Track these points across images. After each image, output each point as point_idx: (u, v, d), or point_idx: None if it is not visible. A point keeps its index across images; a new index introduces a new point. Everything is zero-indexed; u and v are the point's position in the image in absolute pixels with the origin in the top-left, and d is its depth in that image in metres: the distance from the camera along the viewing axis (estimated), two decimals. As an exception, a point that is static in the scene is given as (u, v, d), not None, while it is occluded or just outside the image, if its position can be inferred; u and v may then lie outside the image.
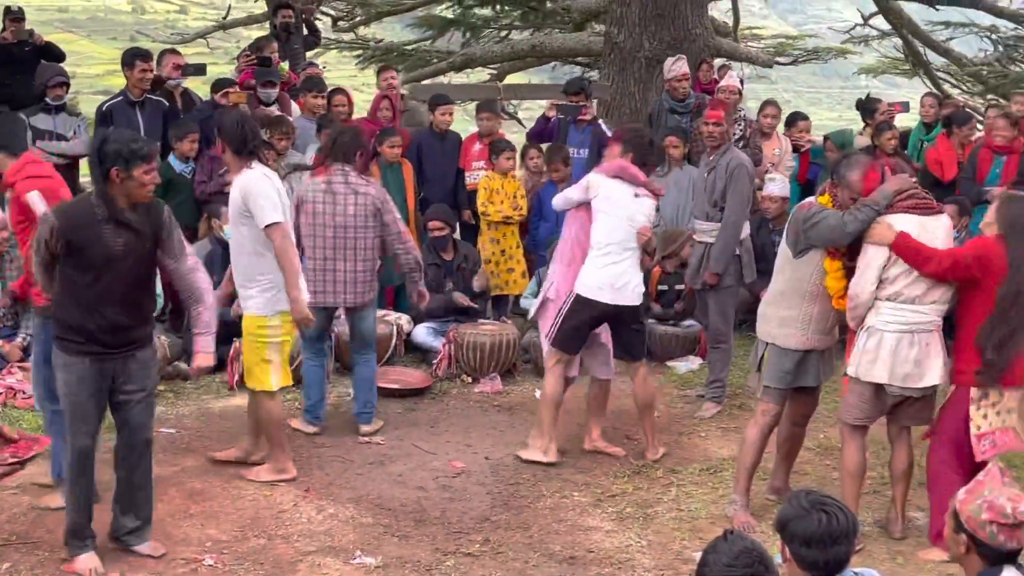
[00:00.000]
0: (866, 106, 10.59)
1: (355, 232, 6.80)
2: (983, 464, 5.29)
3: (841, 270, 5.59)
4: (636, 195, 6.52)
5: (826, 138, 9.90)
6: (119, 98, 8.87)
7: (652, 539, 5.77)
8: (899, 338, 5.54)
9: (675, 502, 6.25)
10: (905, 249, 5.40)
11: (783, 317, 5.78)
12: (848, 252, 5.59)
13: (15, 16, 10.06)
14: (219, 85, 9.10)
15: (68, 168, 8.59)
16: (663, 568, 5.46)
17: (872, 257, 5.53)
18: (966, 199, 8.78)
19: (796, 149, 9.97)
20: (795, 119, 10.32)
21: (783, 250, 5.80)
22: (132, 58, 8.86)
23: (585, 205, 6.58)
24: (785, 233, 5.78)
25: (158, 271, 5.48)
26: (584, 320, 6.56)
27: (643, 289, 6.76)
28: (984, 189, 9.01)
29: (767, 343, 5.88)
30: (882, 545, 5.79)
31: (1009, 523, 3.32)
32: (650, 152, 6.85)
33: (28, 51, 9.99)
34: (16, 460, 4.75)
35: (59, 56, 10.26)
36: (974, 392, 5.50)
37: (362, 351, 7.18)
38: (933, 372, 5.56)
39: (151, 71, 8.88)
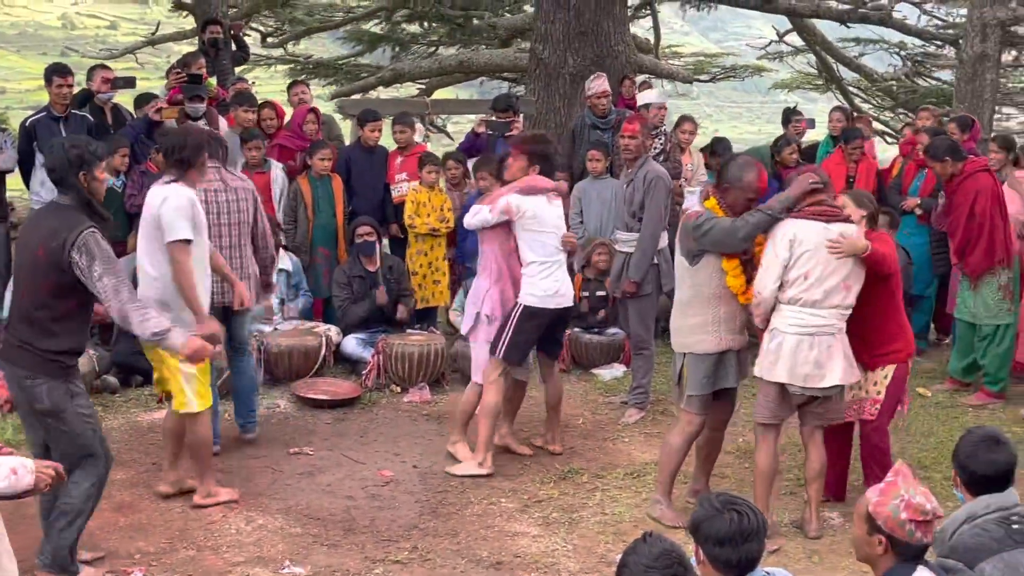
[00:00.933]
0: (787, 116, 10.87)
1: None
2: None
3: (739, 267, 5.69)
4: (549, 201, 6.60)
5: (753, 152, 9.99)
6: (43, 113, 8.72)
7: (577, 543, 5.79)
8: (799, 340, 5.63)
9: (600, 506, 6.27)
10: (875, 259, 5.60)
11: (692, 325, 5.84)
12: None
13: None
14: (142, 100, 9.00)
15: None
16: (588, 571, 5.48)
17: (772, 258, 5.63)
18: (894, 212, 8.97)
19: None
20: (681, 121, 10.33)
21: (679, 261, 5.86)
22: (50, 74, 8.72)
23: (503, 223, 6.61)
24: (677, 243, 5.85)
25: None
26: (533, 329, 6.60)
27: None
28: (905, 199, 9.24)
29: (684, 354, 5.93)
30: (799, 545, 5.84)
31: (927, 519, 3.37)
32: (553, 159, 6.97)
33: None
34: None
35: None
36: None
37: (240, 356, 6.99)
38: (834, 373, 5.66)
39: (68, 86, 8.72)
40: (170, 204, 5.73)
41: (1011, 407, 8.08)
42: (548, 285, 6.56)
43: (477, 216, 6.61)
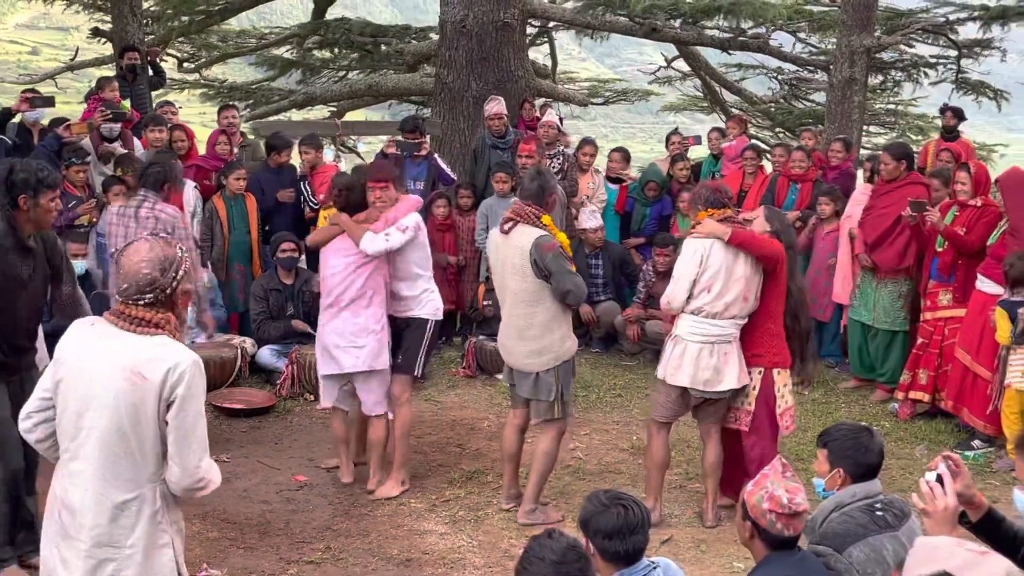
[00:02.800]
0: (670, 138, 11.09)
1: None
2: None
3: None
4: None
5: (649, 181, 10.07)
6: (-35, 138, 8.47)
7: (482, 539, 5.81)
8: (700, 348, 5.75)
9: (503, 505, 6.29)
10: (742, 239, 5.67)
11: (561, 335, 5.85)
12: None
13: None
14: (57, 122, 8.80)
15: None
16: (492, 565, 5.51)
17: (683, 272, 5.77)
18: None
19: (615, 181, 10.18)
20: (582, 144, 10.28)
21: (533, 286, 5.73)
22: None
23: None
24: (534, 266, 5.65)
25: None
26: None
27: None
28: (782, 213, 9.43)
29: (556, 367, 5.85)
30: (688, 535, 5.94)
31: (786, 512, 3.44)
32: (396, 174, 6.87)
33: None
34: None
35: None
36: (775, 374, 5.88)
37: None
38: (730, 378, 5.79)
39: None
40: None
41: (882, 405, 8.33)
42: (439, 299, 6.55)
43: (392, 238, 6.11)
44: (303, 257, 8.88)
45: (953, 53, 14.29)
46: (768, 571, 3.43)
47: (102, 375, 3.27)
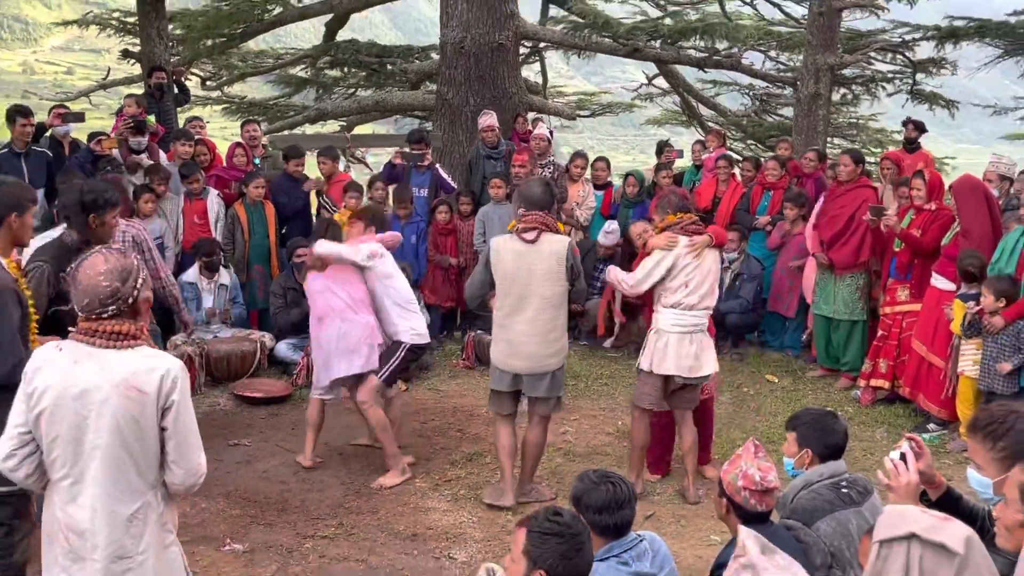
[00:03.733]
0: (661, 149, 11.14)
1: None
2: None
3: None
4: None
5: (628, 175, 10.16)
6: (5, 149, 8.42)
7: (482, 515, 5.81)
8: (680, 337, 5.82)
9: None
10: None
11: (564, 337, 5.87)
12: None
13: None
14: (93, 136, 8.79)
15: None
16: (490, 539, 5.51)
17: (654, 266, 5.85)
18: (743, 226, 9.19)
19: (600, 187, 10.20)
20: (574, 156, 10.38)
21: (562, 290, 5.68)
22: (13, 115, 8.44)
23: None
24: (569, 271, 5.64)
25: None
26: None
27: None
28: (755, 217, 9.45)
29: (563, 363, 5.89)
30: (669, 511, 5.96)
31: (759, 489, 3.45)
32: (382, 219, 6.95)
33: None
34: None
35: None
36: None
37: None
38: (708, 363, 5.88)
39: (31, 125, 8.48)
40: None
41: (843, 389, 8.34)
42: (420, 321, 6.50)
43: (361, 252, 6.23)
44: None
45: (909, 70, 14.35)
46: (743, 543, 3.44)
47: (94, 397, 3.07)
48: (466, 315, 9.61)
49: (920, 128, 10.10)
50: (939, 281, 7.27)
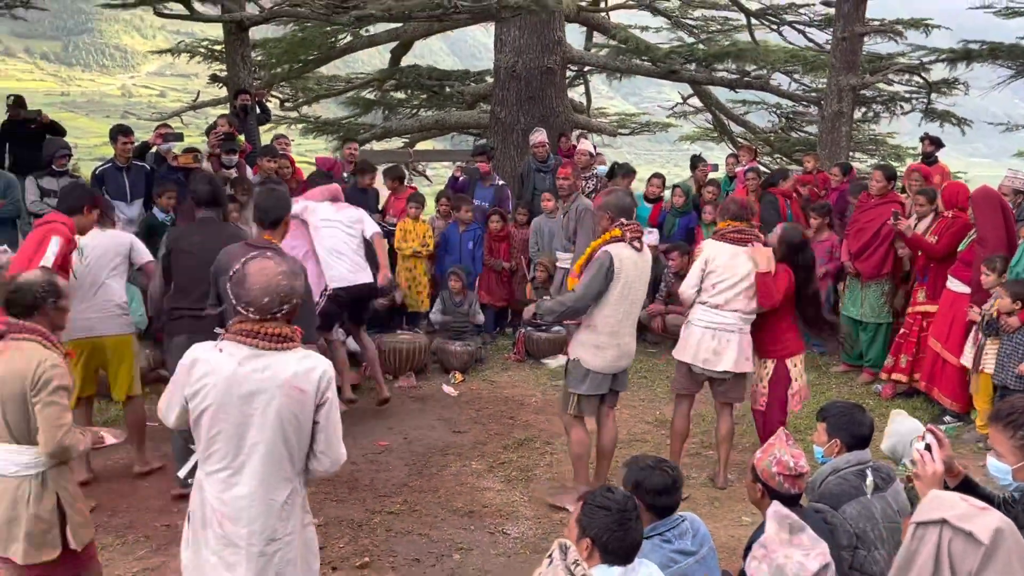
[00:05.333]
0: (695, 163, 11.02)
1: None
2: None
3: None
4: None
5: (676, 187, 10.07)
6: (109, 164, 8.58)
7: (532, 496, 5.79)
8: (703, 332, 5.77)
9: (549, 467, 6.28)
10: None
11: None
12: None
13: (18, 102, 9.81)
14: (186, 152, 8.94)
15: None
16: (540, 517, 5.49)
17: (694, 269, 5.86)
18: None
19: (651, 200, 10.11)
20: (651, 177, 10.31)
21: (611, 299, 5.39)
22: (116, 133, 8.60)
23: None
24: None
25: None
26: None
27: None
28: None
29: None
30: (703, 494, 5.89)
31: (792, 474, 3.40)
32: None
33: (35, 128, 9.69)
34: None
35: (61, 132, 9.94)
36: (788, 361, 5.83)
37: None
38: (727, 362, 5.77)
39: (131, 143, 8.64)
40: None
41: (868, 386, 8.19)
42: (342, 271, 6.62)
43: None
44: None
45: (925, 90, 14.10)
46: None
47: (261, 398, 3.03)
48: (516, 313, 9.60)
49: (936, 143, 9.90)
50: (954, 284, 7.12)
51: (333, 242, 6.63)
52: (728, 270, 5.73)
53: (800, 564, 2.66)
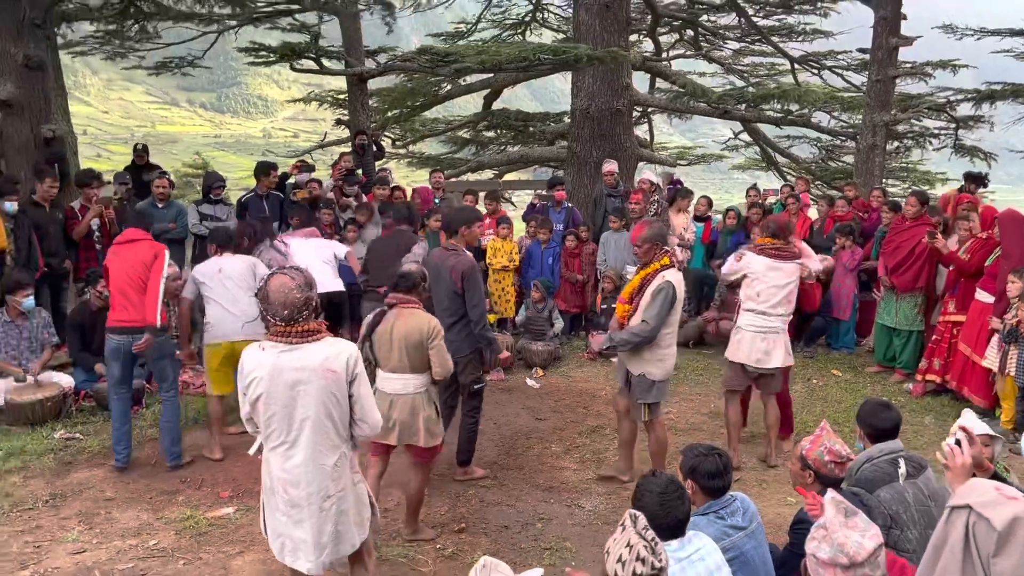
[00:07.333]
0: (749, 190, 10.84)
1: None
2: None
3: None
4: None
5: (729, 209, 9.99)
6: (251, 193, 8.88)
7: (603, 475, 5.74)
8: (754, 336, 5.67)
9: (618, 452, 6.20)
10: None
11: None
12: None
13: (145, 148, 10.02)
14: (296, 186, 9.22)
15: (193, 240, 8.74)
16: (610, 494, 5.45)
17: (740, 269, 5.82)
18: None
19: (700, 219, 10.02)
20: (699, 198, 10.26)
21: (674, 319, 5.15)
22: (267, 168, 8.93)
23: None
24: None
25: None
26: None
27: None
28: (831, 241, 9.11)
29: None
30: (752, 476, 5.77)
31: (841, 461, 3.33)
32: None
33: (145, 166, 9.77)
34: None
35: (156, 167, 9.82)
36: None
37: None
38: (776, 359, 5.69)
39: (276, 177, 8.96)
40: None
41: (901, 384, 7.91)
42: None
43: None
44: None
45: (953, 126, 13.57)
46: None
47: (302, 380, 3.14)
48: (588, 318, 9.56)
49: (978, 181, 9.24)
50: (982, 295, 6.86)
51: (310, 260, 7.02)
52: (765, 279, 5.66)
53: (859, 543, 2.59)
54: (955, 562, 2.28)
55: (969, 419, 3.70)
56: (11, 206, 7.18)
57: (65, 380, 6.72)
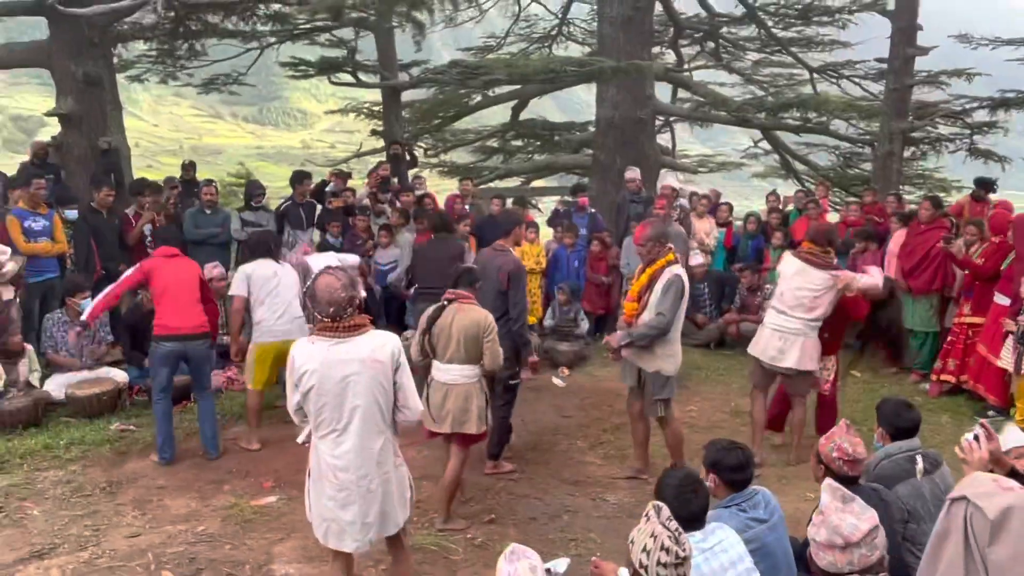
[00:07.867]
0: (769, 196, 10.78)
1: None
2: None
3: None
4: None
5: (749, 215, 9.94)
6: (289, 201, 8.98)
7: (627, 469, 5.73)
8: (772, 333, 5.63)
9: (634, 451, 6.17)
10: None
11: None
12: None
13: (192, 165, 10.14)
14: (326, 195, 9.31)
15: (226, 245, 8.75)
16: (633, 488, 5.45)
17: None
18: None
19: (722, 225, 9.96)
20: (720, 204, 10.27)
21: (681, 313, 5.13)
22: (301, 177, 9.01)
23: None
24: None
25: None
26: None
27: None
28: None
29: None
30: (773, 472, 5.73)
31: (851, 459, 3.30)
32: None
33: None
34: None
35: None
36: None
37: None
38: (790, 359, 5.58)
39: (310, 185, 9.06)
40: None
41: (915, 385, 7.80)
42: None
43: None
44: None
45: (968, 131, 13.35)
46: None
47: (351, 371, 3.21)
48: (614, 319, 9.53)
49: (987, 187, 9.13)
50: (999, 298, 6.76)
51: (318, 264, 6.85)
52: (791, 281, 5.57)
53: (854, 525, 2.58)
54: (958, 555, 2.27)
55: (1014, 435, 3.58)
56: (72, 213, 7.36)
57: (120, 376, 6.85)
